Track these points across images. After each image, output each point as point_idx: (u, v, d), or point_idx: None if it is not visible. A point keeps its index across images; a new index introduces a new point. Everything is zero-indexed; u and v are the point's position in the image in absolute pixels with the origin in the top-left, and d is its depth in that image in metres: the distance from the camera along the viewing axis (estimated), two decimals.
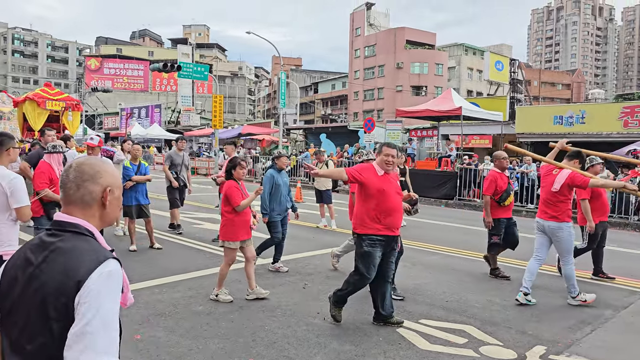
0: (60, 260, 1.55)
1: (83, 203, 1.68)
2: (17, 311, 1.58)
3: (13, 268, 1.63)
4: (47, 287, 1.52)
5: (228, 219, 5.83)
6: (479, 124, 24.00)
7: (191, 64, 31.00)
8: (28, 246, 1.67)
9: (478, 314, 5.64)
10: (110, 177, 1.74)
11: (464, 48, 64.76)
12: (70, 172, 1.69)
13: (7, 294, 1.62)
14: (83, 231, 1.64)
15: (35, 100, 14.67)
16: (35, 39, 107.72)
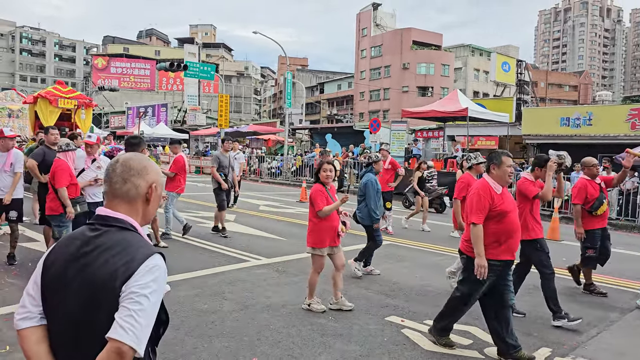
0: (107, 255, 1.57)
1: (128, 197, 1.70)
2: (66, 306, 1.58)
3: (57, 263, 1.63)
4: (97, 282, 1.54)
5: (314, 223, 5.56)
6: (485, 125, 23.93)
7: (197, 64, 31.07)
8: (70, 241, 1.67)
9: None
10: (155, 174, 1.77)
11: (471, 49, 64.60)
12: (117, 167, 1.71)
13: (54, 289, 1.62)
14: (127, 226, 1.66)
15: (47, 98, 14.64)
16: (43, 37, 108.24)
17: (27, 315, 1.64)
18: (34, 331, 1.63)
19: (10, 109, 15.05)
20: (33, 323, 1.64)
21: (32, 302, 1.65)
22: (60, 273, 1.61)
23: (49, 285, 1.63)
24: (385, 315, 5.47)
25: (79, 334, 1.57)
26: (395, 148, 22.10)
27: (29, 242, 8.53)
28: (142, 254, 1.58)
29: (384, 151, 11.67)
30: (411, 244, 9.79)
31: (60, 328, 1.61)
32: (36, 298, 1.65)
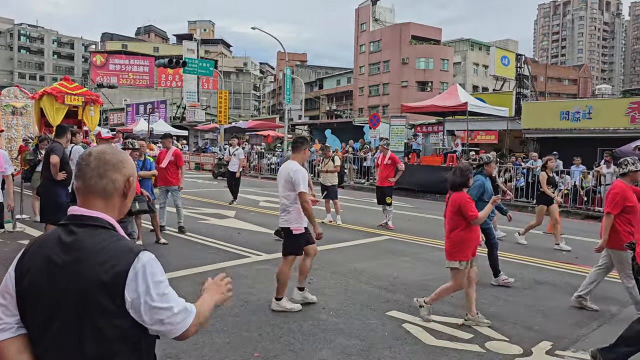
0: (90, 259, 1.50)
1: (105, 193, 1.61)
2: (50, 314, 1.52)
3: (33, 270, 1.54)
4: (83, 289, 1.48)
5: (459, 235, 5.02)
6: (484, 119, 23.90)
7: (196, 60, 31.04)
8: (44, 245, 1.58)
9: (484, 310, 5.62)
10: (131, 167, 1.70)
11: (470, 43, 64.49)
12: (92, 161, 1.61)
13: (34, 298, 1.54)
14: (105, 224, 1.58)
15: (53, 95, 14.21)
16: (41, 35, 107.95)
17: (2, 326, 1.55)
18: (13, 342, 1.55)
19: (13, 106, 14.72)
20: (10, 334, 1.55)
21: (6, 313, 1.55)
22: (38, 281, 1.52)
23: (26, 294, 1.54)
24: (386, 310, 5.48)
25: (66, 342, 1.51)
26: (395, 143, 22.05)
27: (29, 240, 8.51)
28: (127, 255, 1.52)
29: (383, 147, 11.66)
30: (412, 239, 9.79)
31: (45, 337, 1.54)
32: (11, 308, 1.55)
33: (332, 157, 11.98)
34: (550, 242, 9.88)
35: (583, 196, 15.62)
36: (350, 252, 8.48)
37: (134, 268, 1.50)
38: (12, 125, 14.48)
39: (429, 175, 18.38)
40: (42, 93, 14.52)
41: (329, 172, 11.62)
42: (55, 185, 7.57)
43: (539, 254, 8.85)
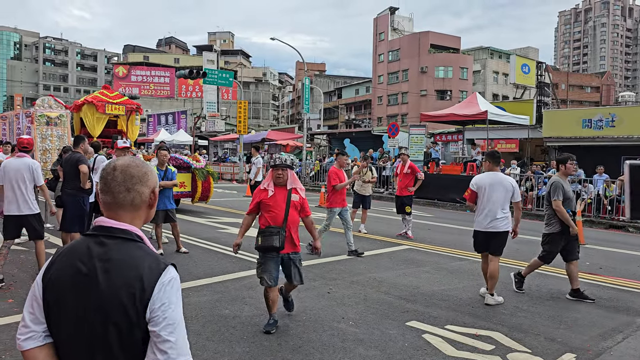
0: (120, 271, 1.52)
1: (133, 206, 1.65)
2: (77, 324, 1.54)
3: (61, 279, 1.56)
4: (112, 300, 1.50)
5: None
6: (505, 128, 23.70)
7: (216, 71, 31.39)
8: (72, 254, 1.60)
9: (505, 320, 5.56)
10: (155, 178, 1.73)
11: (489, 52, 64.08)
12: (118, 175, 1.64)
13: (61, 307, 1.56)
14: (134, 237, 1.61)
15: (94, 104, 13.89)
16: (65, 47, 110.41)
17: (31, 335, 1.58)
18: (40, 351, 1.58)
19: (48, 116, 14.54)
20: (38, 343, 1.58)
21: (34, 321, 1.58)
22: (66, 290, 1.54)
23: (54, 303, 1.56)
24: (406, 320, 5.44)
25: (92, 352, 1.53)
26: (414, 152, 21.98)
27: (53, 248, 8.67)
28: (156, 268, 1.55)
29: (404, 155, 11.62)
30: (432, 249, 9.72)
31: (71, 347, 1.56)
32: (39, 316, 1.58)
33: (370, 167, 11.91)
34: None
35: (607, 205, 15.35)
36: (370, 261, 8.45)
37: (161, 280, 1.53)
38: (46, 136, 14.28)
39: (448, 184, 18.28)
40: (82, 102, 14.14)
41: (369, 182, 11.58)
42: (80, 195, 7.72)
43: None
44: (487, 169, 6.66)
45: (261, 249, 4.92)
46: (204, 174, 13.33)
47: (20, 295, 5.97)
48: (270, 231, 4.86)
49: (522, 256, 9.03)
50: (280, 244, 4.83)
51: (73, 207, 7.67)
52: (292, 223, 5.01)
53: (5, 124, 17.90)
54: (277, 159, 5.13)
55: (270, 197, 5.01)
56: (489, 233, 6.27)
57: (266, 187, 5.11)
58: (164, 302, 1.51)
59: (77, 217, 7.67)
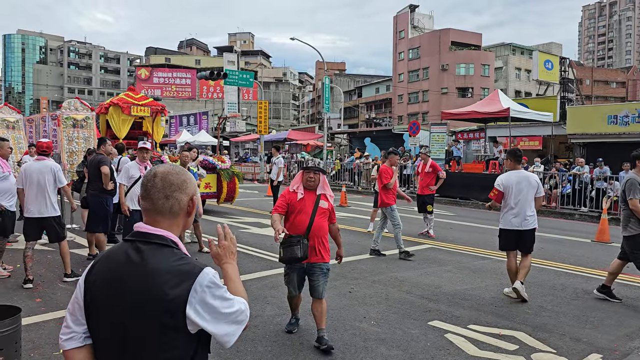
0: (156, 276, 1.55)
1: (171, 213, 1.68)
2: (114, 325, 1.58)
3: (100, 283, 1.62)
4: (149, 306, 1.53)
5: None
6: (527, 125, 23.36)
7: (237, 72, 31.59)
8: (111, 259, 1.65)
9: (529, 320, 5.49)
10: (194, 186, 1.75)
11: (511, 48, 63.25)
12: (157, 182, 1.67)
13: (100, 309, 1.61)
14: (169, 243, 1.64)
15: (120, 106, 13.96)
16: (89, 51, 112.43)
17: (72, 335, 1.64)
18: (79, 351, 1.64)
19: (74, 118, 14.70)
20: (78, 343, 1.64)
21: (75, 322, 1.65)
22: (105, 294, 1.59)
23: (93, 305, 1.61)
24: (428, 319, 5.41)
25: (127, 353, 1.57)
26: (436, 150, 21.83)
27: (79, 248, 8.84)
28: (191, 273, 1.57)
29: (424, 155, 11.55)
30: (453, 248, 9.65)
31: (108, 347, 1.61)
32: (79, 318, 1.64)
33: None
34: (598, 250, 9.55)
35: None
36: (391, 260, 8.43)
37: (198, 286, 1.55)
38: (73, 138, 14.44)
39: (470, 182, 18.11)
40: (108, 104, 14.25)
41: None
42: (103, 196, 7.86)
43: (587, 263, 8.57)
44: (509, 167, 6.61)
45: (285, 261, 4.62)
46: (229, 174, 13.39)
47: (48, 295, 6.10)
48: (290, 241, 4.53)
49: (546, 255, 8.90)
50: (303, 254, 4.47)
51: (97, 208, 7.82)
52: (318, 230, 4.63)
53: (32, 127, 18.28)
54: (309, 161, 5.04)
55: (299, 201, 4.68)
56: (520, 232, 6.28)
57: (295, 190, 4.76)
58: (204, 305, 1.55)
59: (100, 218, 7.82)
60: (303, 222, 4.61)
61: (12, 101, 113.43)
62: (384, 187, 8.84)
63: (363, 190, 22.30)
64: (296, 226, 4.63)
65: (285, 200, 4.73)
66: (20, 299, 5.88)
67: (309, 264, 4.64)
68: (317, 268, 4.65)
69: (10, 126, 17.74)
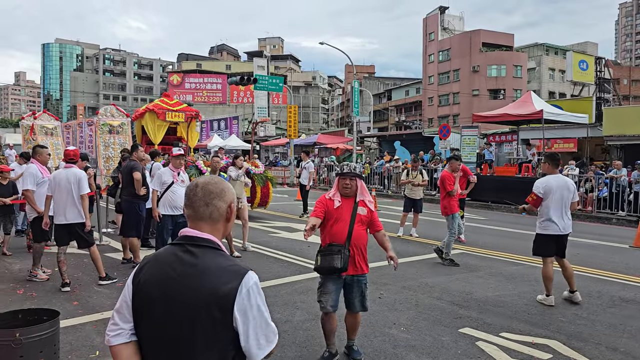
0: (207, 276, 1.68)
1: (211, 219, 1.82)
2: (163, 323, 1.69)
3: (149, 283, 1.73)
4: (201, 303, 1.65)
5: None
6: (562, 127, 22.86)
7: (266, 77, 31.83)
8: (161, 260, 1.77)
9: (564, 328, 5.37)
10: (232, 194, 1.91)
11: (545, 48, 62.01)
12: (198, 191, 1.83)
13: (149, 307, 1.72)
14: (216, 246, 1.78)
15: (155, 112, 14.18)
16: (123, 58, 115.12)
17: (119, 332, 1.76)
18: (126, 347, 1.75)
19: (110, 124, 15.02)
20: (124, 339, 1.75)
21: (122, 319, 1.76)
22: (156, 293, 1.70)
23: (143, 304, 1.73)
24: (459, 327, 5.35)
25: (179, 349, 1.67)
26: (467, 154, 21.54)
27: (114, 252, 9.05)
28: (239, 274, 1.69)
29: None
30: (485, 253, 9.50)
31: (156, 344, 1.72)
32: (127, 315, 1.76)
33: (420, 169, 11.76)
34: (637, 256, 9.27)
35: None
36: (421, 266, 8.36)
37: (244, 284, 1.68)
38: (109, 144, 14.76)
39: (502, 186, 17.81)
40: (143, 111, 14.47)
41: (420, 185, 11.47)
42: (136, 201, 8.04)
43: (624, 269, 8.32)
44: (547, 171, 6.51)
45: (321, 271, 4.27)
46: (263, 179, 13.33)
47: (84, 298, 6.27)
48: (330, 250, 4.18)
49: (581, 261, 8.69)
50: (343, 265, 4.12)
51: (129, 213, 8.01)
52: (357, 240, 4.28)
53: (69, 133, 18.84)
54: (344, 166, 4.47)
55: (336, 209, 4.33)
56: (558, 237, 6.27)
57: (332, 197, 4.43)
58: (247, 304, 1.67)
59: (133, 223, 8.00)
60: (341, 231, 4.25)
61: (51, 108, 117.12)
62: (448, 195, 8.60)
63: (393, 194, 22.19)
64: (334, 235, 4.27)
65: (323, 206, 4.37)
66: (59, 302, 6.06)
67: (347, 277, 4.29)
68: (356, 281, 4.32)
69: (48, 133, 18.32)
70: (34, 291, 6.57)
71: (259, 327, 1.69)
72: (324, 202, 4.39)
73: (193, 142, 15.36)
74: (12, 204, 8.91)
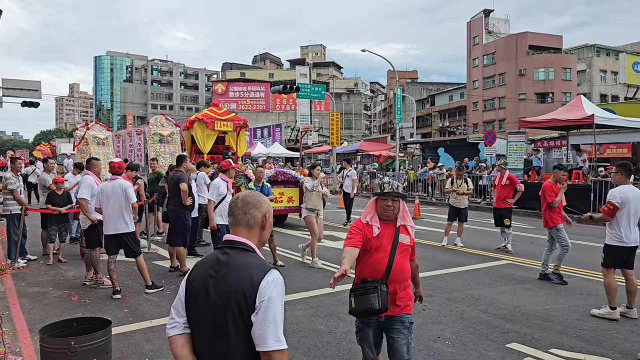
0: (236, 272, 1.97)
1: (248, 225, 2.13)
2: (206, 315, 1.99)
3: (196, 281, 2.04)
4: (230, 295, 1.94)
5: None
6: (615, 131, 21.97)
7: (308, 85, 32.06)
8: (205, 262, 2.08)
9: (618, 345, 5.15)
10: (268, 206, 2.21)
11: (595, 49, 59.88)
12: (239, 202, 2.15)
13: (196, 302, 2.03)
14: (248, 248, 2.08)
15: (204, 121, 14.31)
16: (170, 68, 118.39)
17: (174, 325, 2.08)
18: (180, 337, 2.07)
19: (160, 134, 15.36)
20: (178, 331, 2.07)
21: (178, 314, 2.09)
22: (200, 289, 2.02)
23: (190, 299, 2.05)
24: (506, 341, 5.21)
25: (216, 336, 1.97)
26: (513, 160, 21.02)
27: (162, 260, 9.29)
28: (262, 270, 1.96)
29: (500, 167, 11.18)
30: (533, 264, 9.23)
31: (201, 333, 2.03)
32: (180, 311, 2.08)
33: (465, 178, 11.56)
34: None
35: None
36: (467, 277, 8.20)
37: (265, 279, 1.94)
38: (159, 153, 15.12)
39: None
40: (193, 120, 14.66)
41: (465, 194, 11.30)
42: (182, 211, 8.25)
43: None
44: (618, 181, 6.32)
45: (357, 314, 3.56)
46: None
47: (134, 305, 6.46)
48: (365, 288, 3.49)
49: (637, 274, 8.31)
50: (382, 305, 3.40)
51: (176, 222, 8.22)
52: (398, 273, 3.57)
53: (119, 142, 19.52)
54: (384, 184, 3.68)
55: (376, 237, 3.61)
56: (630, 248, 6.13)
57: (369, 222, 3.68)
58: (267, 296, 1.91)
59: (180, 232, 8.22)
60: (380, 263, 3.55)
61: (102, 118, 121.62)
62: (549, 206, 8.27)
63: (437, 201, 21.88)
64: (371, 268, 3.58)
65: (360, 233, 3.64)
66: (110, 309, 6.28)
67: (387, 317, 3.59)
68: (398, 322, 3.58)
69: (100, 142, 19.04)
70: (87, 298, 6.82)
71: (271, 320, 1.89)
72: (361, 228, 3.66)
73: (241, 151, 15.47)
74: (67, 212, 9.32)
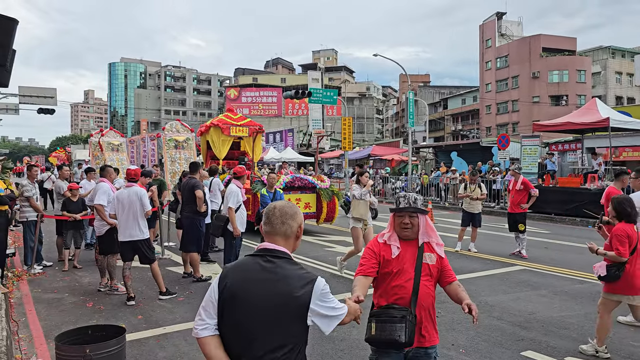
0: (286, 281, 2.09)
1: (285, 235, 2.24)
2: (248, 320, 2.07)
3: (236, 285, 2.11)
4: (279, 301, 2.06)
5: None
6: (631, 134, 21.70)
7: (320, 90, 32.12)
8: (244, 268, 2.16)
9: (635, 354, 5.08)
10: (301, 217, 2.33)
11: (610, 51, 59.27)
12: (276, 212, 2.26)
13: (235, 306, 2.10)
14: (290, 257, 2.19)
15: (220, 127, 14.32)
16: (183, 74, 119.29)
17: (206, 326, 2.13)
18: (213, 339, 2.13)
19: (176, 140, 15.38)
20: (211, 332, 2.13)
21: (209, 316, 2.14)
22: (240, 293, 2.09)
23: (229, 303, 2.10)
24: (521, 349, 5.16)
25: (251, 338, 2.06)
26: (527, 164, 20.85)
27: (175, 266, 9.34)
28: (310, 279, 2.12)
29: (514, 172, 11.09)
30: (548, 270, 9.13)
31: (239, 335, 2.09)
32: (212, 313, 2.14)
33: (479, 183, 11.49)
34: None
35: None
36: (481, 283, 8.14)
37: (315, 288, 2.11)
38: (175, 159, 15.17)
39: (566, 197, 17.10)
40: (209, 125, 14.68)
41: (478, 199, 11.22)
42: (197, 218, 8.29)
43: None
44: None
45: (376, 343, 3.00)
46: (329, 194, 13.17)
47: (148, 312, 6.50)
48: (390, 315, 2.93)
49: None
50: (408, 338, 2.86)
51: (190, 229, 8.26)
52: (425, 299, 3.05)
53: (133, 148, 19.70)
54: (400, 198, 3.19)
55: (395, 259, 3.10)
56: None
57: (386, 241, 3.18)
58: (319, 302, 2.10)
59: (194, 238, 8.26)
60: (404, 289, 3.04)
61: (116, 123, 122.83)
62: None
63: (450, 206, 21.75)
64: (393, 295, 3.07)
65: (374, 257, 3.15)
66: (124, 315, 6.33)
67: (410, 350, 3.04)
68: (424, 355, 3.06)
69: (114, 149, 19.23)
70: (102, 304, 6.88)
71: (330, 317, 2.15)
72: (376, 251, 3.17)
73: (257, 156, 15.44)
74: (82, 219, 9.42)
